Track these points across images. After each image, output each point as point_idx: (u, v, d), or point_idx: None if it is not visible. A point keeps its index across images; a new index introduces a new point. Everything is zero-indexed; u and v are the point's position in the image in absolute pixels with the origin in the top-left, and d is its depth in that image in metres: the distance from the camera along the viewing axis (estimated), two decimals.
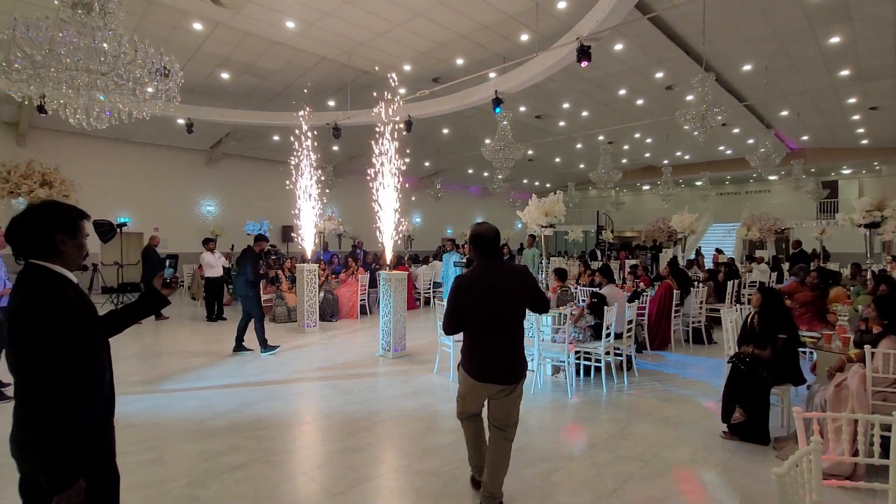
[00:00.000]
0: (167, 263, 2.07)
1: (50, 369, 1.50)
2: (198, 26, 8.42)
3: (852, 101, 12.40)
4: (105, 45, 4.77)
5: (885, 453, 2.20)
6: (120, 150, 14.41)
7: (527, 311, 2.96)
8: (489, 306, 2.77)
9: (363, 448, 3.84)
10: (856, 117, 13.96)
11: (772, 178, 22.81)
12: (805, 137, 16.83)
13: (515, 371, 2.82)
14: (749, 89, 11.79)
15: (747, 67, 10.42)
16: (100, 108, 5.43)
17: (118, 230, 11.54)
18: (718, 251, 16.13)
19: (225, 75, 10.58)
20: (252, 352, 6.86)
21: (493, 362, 2.80)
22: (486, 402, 2.95)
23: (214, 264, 9.49)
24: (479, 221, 2.96)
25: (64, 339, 1.53)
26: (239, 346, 6.87)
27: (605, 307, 5.26)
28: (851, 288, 7.44)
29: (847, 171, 21.37)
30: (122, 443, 3.94)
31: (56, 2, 4.85)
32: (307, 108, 8.62)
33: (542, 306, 2.96)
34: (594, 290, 6.27)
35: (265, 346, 6.82)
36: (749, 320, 4.38)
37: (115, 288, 11.72)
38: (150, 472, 3.38)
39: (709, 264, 12.89)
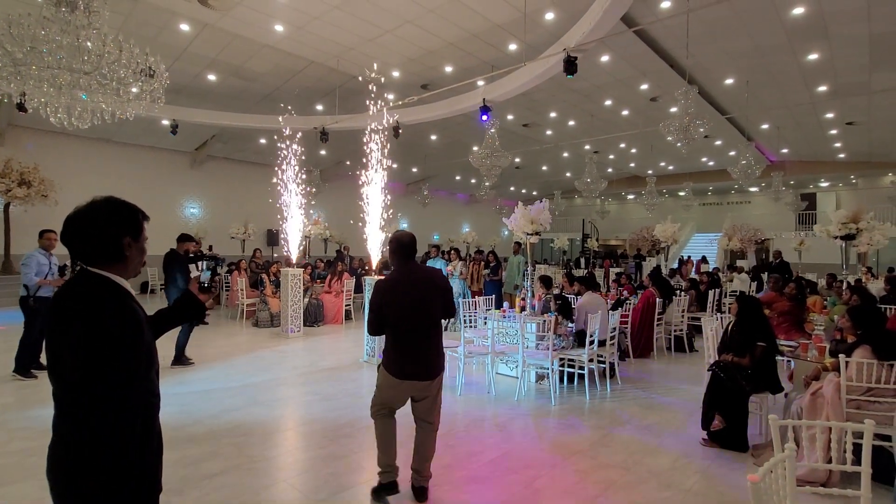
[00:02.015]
0: (204, 266, 1.93)
1: (118, 392, 1.37)
2: (185, 27, 8.35)
3: (830, 116, 12.76)
4: (89, 43, 4.71)
5: (858, 461, 2.25)
6: (102, 149, 14.17)
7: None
8: (408, 309, 2.95)
9: (345, 455, 3.80)
10: (833, 132, 14.36)
11: (752, 189, 23.30)
12: (785, 150, 17.26)
13: (434, 369, 3.03)
14: (731, 103, 12.06)
15: (729, 81, 10.67)
16: (81, 108, 5.35)
17: None
18: (704, 261, 16.35)
19: (212, 77, 10.49)
20: (193, 364, 6.32)
21: (413, 362, 2.98)
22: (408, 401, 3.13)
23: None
24: (398, 229, 3.16)
25: (140, 360, 1.43)
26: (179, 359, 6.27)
27: (589, 314, 5.31)
28: (827, 298, 7.61)
29: (825, 184, 21.93)
30: None
31: None
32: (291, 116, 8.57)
33: (448, 313, 3.15)
34: (559, 293, 6.35)
35: (180, 359, 6.23)
36: (728, 329, 4.45)
37: None
38: None
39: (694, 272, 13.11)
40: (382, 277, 3.09)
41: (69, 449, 1.39)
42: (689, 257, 17.38)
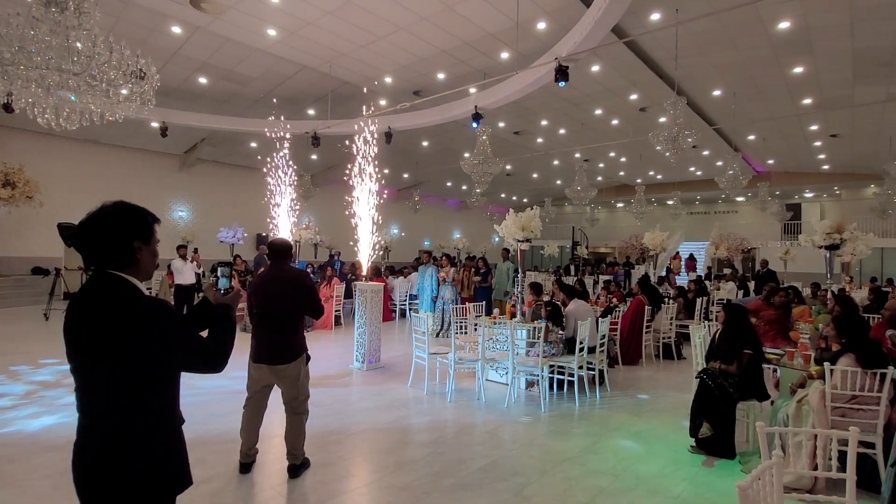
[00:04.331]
0: (220, 273, 1.92)
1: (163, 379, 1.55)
2: (176, 30, 8.30)
3: (814, 128, 13.00)
4: (79, 44, 4.66)
5: (843, 468, 2.27)
6: (89, 151, 14.01)
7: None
8: (267, 303, 3.45)
9: (334, 462, 3.77)
10: (817, 144, 14.63)
11: (739, 199, 23.62)
12: (770, 161, 17.55)
13: (282, 355, 3.43)
14: (718, 114, 12.25)
15: (717, 93, 10.84)
16: (70, 109, 5.28)
17: None
18: (691, 259, 16.45)
19: (203, 80, 10.43)
20: None
21: (265, 348, 3.45)
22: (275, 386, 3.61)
23: (183, 270, 9.25)
24: (277, 236, 3.49)
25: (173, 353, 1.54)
26: None
27: (579, 322, 5.33)
28: (812, 307, 7.72)
29: (809, 195, 22.31)
30: None
31: None
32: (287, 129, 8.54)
33: (314, 312, 3.63)
34: (549, 300, 6.36)
35: None
36: (716, 336, 4.50)
37: None
38: None
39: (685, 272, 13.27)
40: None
41: (114, 448, 1.45)
42: (678, 253, 17.52)
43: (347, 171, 6.87)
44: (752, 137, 14.42)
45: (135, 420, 1.47)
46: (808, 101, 10.88)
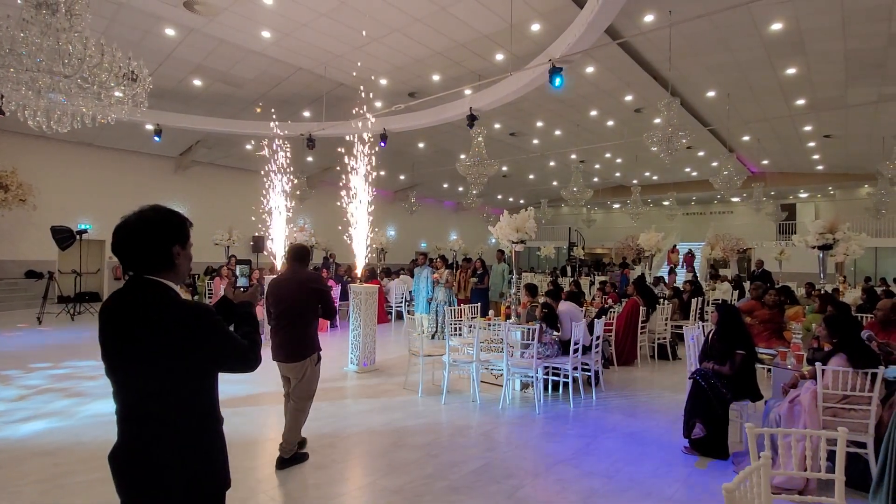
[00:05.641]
0: (239, 272, 1.96)
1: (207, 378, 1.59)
2: (170, 32, 8.28)
3: (808, 129, 13.07)
4: (70, 46, 4.64)
5: (834, 468, 2.28)
6: (82, 154, 13.94)
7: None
8: (281, 303, 3.67)
9: (327, 465, 3.76)
10: (811, 144, 14.71)
11: (734, 199, 23.71)
12: (765, 162, 17.62)
13: (292, 353, 3.62)
14: (713, 115, 12.30)
15: (711, 94, 10.88)
16: (61, 111, 5.26)
17: (78, 237, 11.12)
18: (690, 254, 16.47)
19: (197, 82, 10.41)
20: None
21: (278, 347, 3.66)
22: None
23: None
24: (296, 241, 3.66)
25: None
26: None
27: (574, 322, 5.34)
28: (807, 307, 7.74)
29: (804, 195, 22.41)
30: (71, 461, 3.77)
31: (19, 1, 4.70)
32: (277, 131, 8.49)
33: (328, 313, 3.81)
34: (544, 301, 6.35)
35: None
36: (709, 337, 4.51)
37: (71, 297, 11.25)
38: (99, 492, 3.22)
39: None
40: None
41: (164, 451, 1.48)
42: (676, 246, 17.55)
43: (342, 181, 6.85)
44: (746, 138, 14.49)
45: (180, 421, 1.49)
46: (801, 101, 10.93)
